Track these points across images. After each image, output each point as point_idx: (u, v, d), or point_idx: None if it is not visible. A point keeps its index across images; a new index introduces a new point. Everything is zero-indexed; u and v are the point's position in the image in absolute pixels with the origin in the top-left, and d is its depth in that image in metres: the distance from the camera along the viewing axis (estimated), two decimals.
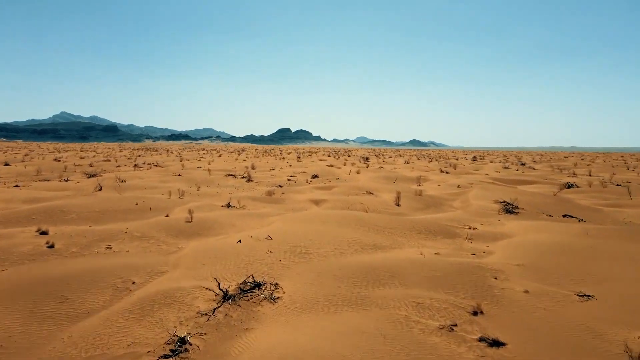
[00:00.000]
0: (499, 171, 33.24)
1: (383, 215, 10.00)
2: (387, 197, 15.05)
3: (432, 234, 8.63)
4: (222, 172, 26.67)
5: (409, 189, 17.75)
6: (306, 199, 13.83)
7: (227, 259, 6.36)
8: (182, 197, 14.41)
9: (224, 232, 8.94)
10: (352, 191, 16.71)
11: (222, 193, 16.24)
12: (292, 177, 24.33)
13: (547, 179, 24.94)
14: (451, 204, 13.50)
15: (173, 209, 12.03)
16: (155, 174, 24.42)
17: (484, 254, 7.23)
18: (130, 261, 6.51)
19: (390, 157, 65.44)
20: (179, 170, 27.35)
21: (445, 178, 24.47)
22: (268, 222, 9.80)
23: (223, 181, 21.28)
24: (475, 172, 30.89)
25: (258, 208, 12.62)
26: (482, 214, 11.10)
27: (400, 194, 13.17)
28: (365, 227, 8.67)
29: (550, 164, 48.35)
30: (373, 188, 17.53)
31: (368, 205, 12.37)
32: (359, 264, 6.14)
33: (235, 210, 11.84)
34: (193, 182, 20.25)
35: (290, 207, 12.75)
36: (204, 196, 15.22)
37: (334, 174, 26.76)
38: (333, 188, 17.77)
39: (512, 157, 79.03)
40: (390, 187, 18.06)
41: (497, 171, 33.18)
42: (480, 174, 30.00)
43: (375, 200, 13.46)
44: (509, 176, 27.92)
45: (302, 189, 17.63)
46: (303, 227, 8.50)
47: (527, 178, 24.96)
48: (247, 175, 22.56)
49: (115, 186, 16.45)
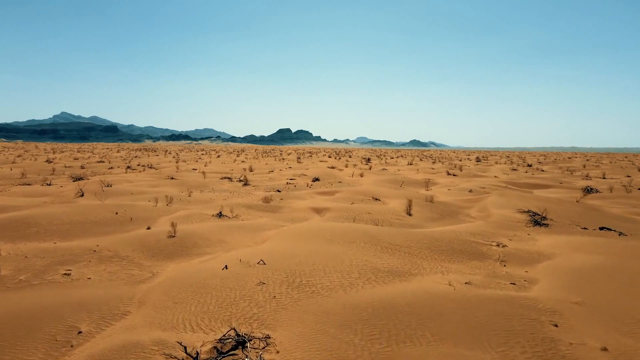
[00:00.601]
0: (507, 173, 31.91)
1: (395, 229, 8.65)
2: (396, 204, 13.71)
3: (456, 253, 7.28)
4: (218, 175, 25.34)
5: (417, 195, 16.42)
6: (307, 207, 12.49)
7: (207, 294, 5.03)
8: (171, 204, 13.08)
9: (210, 251, 7.60)
10: (356, 197, 15.37)
11: (215, 199, 14.90)
12: (291, 180, 23.00)
13: (562, 182, 23.59)
14: (468, 213, 12.15)
15: (157, 219, 10.69)
16: (147, 176, 23.09)
17: (525, 283, 5.89)
18: (87, 295, 5.18)
19: (392, 157, 64.11)
20: (173, 172, 26.02)
21: (454, 181, 23.12)
22: (262, 237, 8.46)
23: (218, 185, 19.94)
24: (483, 175, 29.55)
25: (253, 218, 11.29)
26: (507, 226, 9.76)
27: (412, 201, 11.81)
28: (377, 245, 7.33)
29: (557, 165, 47.01)
30: (379, 193, 16.20)
31: (376, 215, 11.03)
32: (374, 301, 4.80)
33: (227, 221, 10.50)
34: (186, 187, 18.91)
35: (288, 216, 11.41)
36: (195, 203, 13.88)
37: (335, 176, 25.42)
38: (336, 193, 16.42)
39: (516, 157, 77.68)
40: (397, 192, 16.73)
41: (505, 173, 31.84)
42: (488, 176, 28.66)
43: (384, 208, 12.12)
44: (519, 179, 26.58)
45: (302, 194, 16.29)
46: (303, 246, 7.16)
47: (540, 181, 23.61)
48: (244, 179, 21.23)
49: (99, 192, 15.12)
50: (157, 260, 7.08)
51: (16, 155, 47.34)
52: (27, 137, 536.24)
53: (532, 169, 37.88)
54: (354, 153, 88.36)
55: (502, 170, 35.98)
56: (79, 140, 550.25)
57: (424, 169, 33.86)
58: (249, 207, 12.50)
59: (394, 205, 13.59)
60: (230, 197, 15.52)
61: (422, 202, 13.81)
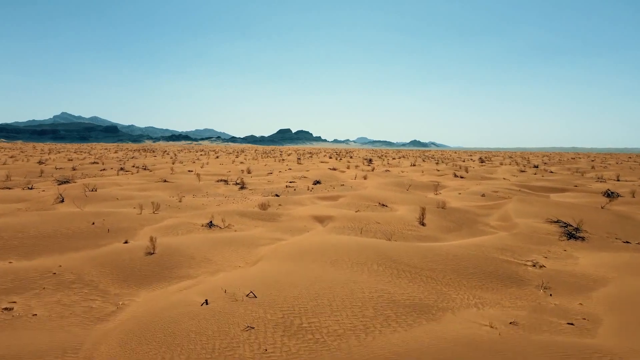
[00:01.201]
0: (516, 175, 30.66)
1: (411, 246, 7.40)
2: (405, 211, 12.48)
3: (488, 278, 6.05)
4: (214, 177, 24.12)
5: (427, 200, 15.19)
6: (307, 215, 11.26)
7: (177, 347, 3.79)
8: (157, 211, 11.85)
9: (192, 274, 6.37)
10: (361, 203, 14.14)
11: (208, 205, 13.68)
12: (291, 183, 21.77)
13: (576, 185, 22.34)
14: (487, 222, 10.92)
15: (139, 230, 9.47)
16: (139, 179, 21.88)
17: (585, 322, 4.66)
18: (19, 344, 3.96)
19: (394, 158, 62.88)
20: (167, 175, 24.79)
21: (463, 184, 21.88)
22: (256, 255, 7.23)
23: (212, 189, 18.72)
24: (491, 177, 28.30)
25: (247, 228, 10.06)
26: (538, 240, 8.52)
27: (425, 210, 10.56)
28: (393, 267, 6.09)
29: (564, 166, 45.74)
30: (385, 198, 14.96)
31: (386, 226, 9.80)
32: (398, 356, 3.57)
33: (217, 233, 9.27)
34: (178, 191, 17.69)
35: (287, 226, 10.18)
36: (185, 210, 12.67)
37: (337, 179, 24.20)
38: (339, 198, 15.19)
39: (519, 158, 76.34)
40: (405, 197, 15.50)
41: (513, 175, 30.60)
42: (497, 178, 27.42)
43: (393, 216, 10.88)
44: (529, 181, 25.34)
45: (302, 199, 15.07)
46: (304, 269, 5.93)
47: (552, 184, 22.36)
48: (241, 182, 20.00)
49: (81, 197, 13.89)
50: (127, 287, 5.85)
51: (9, 156, 46.13)
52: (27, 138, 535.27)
53: (540, 170, 36.63)
54: (355, 153, 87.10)
55: (510, 171, 34.73)
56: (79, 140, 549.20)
57: (428, 171, 32.63)
58: (243, 214, 11.26)
59: (403, 212, 12.35)
60: (225, 203, 14.30)
61: (434, 209, 12.57)
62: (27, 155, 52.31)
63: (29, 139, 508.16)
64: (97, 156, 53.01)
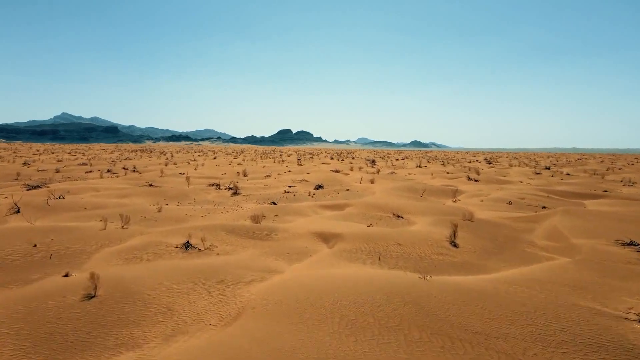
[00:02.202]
0: (532, 178, 28.53)
1: (458, 288, 5.28)
2: (426, 224, 10.38)
3: (587, 349, 3.94)
4: (206, 181, 22.03)
5: (447, 208, 13.08)
6: (310, 232, 9.15)
7: None
8: (127, 225, 9.75)
9: (137, 338, 4.27)
10: (372, 213, 12.03)
11: (192, 216, 11.59)
12: (290, 187, 19.68)
13: (606, 190, 20.19)
14: (532, 241, 8.79)
15: (93, 254, 7.37)
16: (122, 183, 19.79)
17: None
18: None
19: (397, 159, 60.77)
20: (156, 178, 22.70)
21: (481, 189, 19.76)
22: (237, 302, 5.11)
23: (202, 194, 16.63)
24: (505, 180, 26.16)
25: (233, 250, 7.96)
26: (618, 272, 6.39)
27: (457, 227, 8.43)
28: (442, 333, 3.98)
29: (576, 167, 43.61)
30: (399, 207, 12.86)
31: (409, 248, 7.68)
32: None
33: (192, 259, 7.18)
34: (162, 197, 15.61)
35: (284, 248, 8.07)
36: (162, 223, 10.58)
37: (341, 182, 22.09)
38: (346, 207, 13.08)
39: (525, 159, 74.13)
40: (421, 206, 13.38)
41: (529, 178, 28.46)
42: (513, 181, 25.29)
43: (415, 234, 8.76)
44: (550, 185, 23.22)
45: (303, 208, 12.97)
46: (307, 340, 3.82)
47: (580, 189, 20.22)
48: (234, 187, 17.89)
49: (43, 206, 11.81)
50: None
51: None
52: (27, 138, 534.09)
53: (555, 172, 34.45)
54: (357, 154, 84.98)
55: (523, 173, 32.61)
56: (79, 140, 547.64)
57: (438, 173, 30.49)
58: (230, 230, 9.15)
59: (424, 226, 10.25)
60: (212, 213, 12.20)
61: (460, 222, 10.47)
62: (18, 155, 50.27)
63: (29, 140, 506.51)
64: (91, 157, 50.98)
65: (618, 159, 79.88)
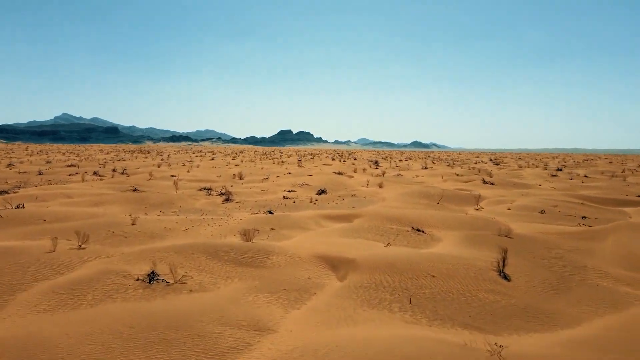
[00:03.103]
0: (550, 180, 26.55)
1: None
2: (455, 242, 8.44)
3: None
4: (197, 184, 20.09)
5: (473, 220, 11.10)
6: (313, 254, 7.20)
7: None
8: (85, 244, 7.81)
9: None
10: (387, 227, 10.08)
11: (171, 231, 9.65)
12: (290, 192, 17.74)
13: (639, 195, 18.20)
14: (600, 268, 6.82)
15: (17, 293, 5.42)
16: (103, 187, 17.85)
17: None
18: None
19: (401, 160, 58.81)
20: (143, 181, 20.76)
21: (501, 194, 17.78)
22: None
23: (189, 201, 14.69)
24: (521, 182, 24.19)
25: (212, 284, 6.01)
26: None
27: (506, 252, 6.45)
28: None
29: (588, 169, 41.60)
30: (418, 218, 10.90)
31: (447, 282, 5.73)
32: None
33: (152, 303, 5.23)
34: (143, 204, 13.67)
35: (279, 280, 6.11)
36: (131, 240, 8.64)
37: (346, 186, 20.13)
38: (354, 218, 11.11)
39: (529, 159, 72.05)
40: (442, 216, 11.42)
41: (547, 180, 26.48)
42: (530, 185, 23.33)
43: (448, 259, 6.79)
44: (574, 189, 21.28)
45: (304, 219, 11.03)
46: None
47: (609, 194, 18.25)
48: (226, 192, 15.95)
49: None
50: None
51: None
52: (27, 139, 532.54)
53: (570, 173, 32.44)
54: (358, 155, 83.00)
55: (538, 175, 30.64)
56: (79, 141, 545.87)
57: (448, 176, 28.51)
58: (212, 253, 7.19)
59: (453, 244, 8.30)
60: (196, 226, 10.25)
61: (496, 238, 8.54)
62: (8, 156, 48.40)
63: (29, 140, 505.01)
64: (84, 158, 49.11)
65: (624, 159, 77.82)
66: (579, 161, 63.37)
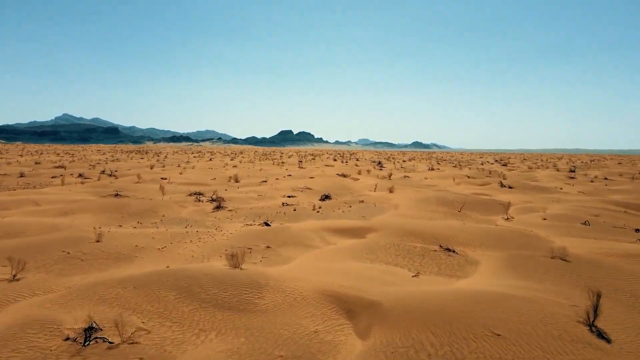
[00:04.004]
0: (570, 183, 24.66)
1: None
2: (500, 269, 6.62)
3: None
4: (188, 188, 18.25)
5: (508, 233, 9.21)
6: (319, 290, 5.35)
7: None
8: (20, 274, 5.98)
9: None
10: (408, 243, 8.23)
11: (142, 250, 7.81)
12: (290, 197, 15.90)
13: None
14: None
15: None
16: (80, 192, 16.01)
17: None
18: None
19: (405, 161, 56.95)
20: (128, 185, 18.92)
21: (527, 200, 15.89)
22: None
23: (175, 208, 12.85)
24: (542, 186, 22.31)
25: (177, 346, 4.17)
26: None
27: (599, 296, 4.60)
28: None
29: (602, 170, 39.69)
30: (443, 232, 9.04)
31: (519, 347, 3.88)
32: None
33: None
34: (121, 213, 11.82)
35: (273, 343, 4.26)
36: (88, 265, 6.81)
37: (352, 190, 18.28)
38: (367, 233, 9.25)
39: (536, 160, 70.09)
40: (471, 230, 9.54)
41: (566, 183, 24.59)
42: (551, 188, 21.48)
43: (508, 301, 4.94)
44: (602, 193, 19.46)
45: (307, 234, 9.18)
46: None
47: None
48: (218, 198, 14.10)
49: None
50: None
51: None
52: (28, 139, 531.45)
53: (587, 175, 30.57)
54: (360, 155, 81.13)
55: (555, 177, 28.78)
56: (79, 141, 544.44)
57: (460, 178, 26.62)
58: (185, 290, 5.33)
59: (497, 272, 6.47)
60: (176, 243, 8.40)
61: (552, 264, 6.71)
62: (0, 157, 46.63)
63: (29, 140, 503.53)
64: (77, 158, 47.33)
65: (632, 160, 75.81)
66: (587, 162, 61.46)
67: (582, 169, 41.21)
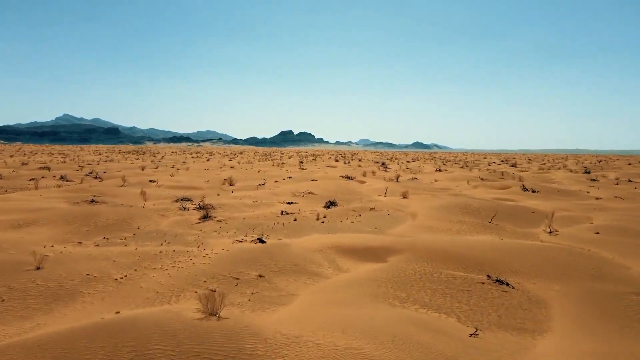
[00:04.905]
0: (595, 186, 22.67)
1: None
2: (577, 311, 4.72)
3: None
4: (178, 191, 16.32)
5: (570, 257, 7.28)
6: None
7: None
8: None
9: None
10: (445, 271, 6.29)
11: (94, 282, 5.88)
12: (290, 204, 13.95)
13: None
14: None
15: None
16: (52, 198, 14.07)
17: None
18: None
19: (408, 161, 54.99)
20: (113, 187, 17.00)
21: (561, 207, 13.91)
22: None
23: (154, 218, 10.90)
24: (565, 189, 20.37)
25: None
26: None
27: None
28: None
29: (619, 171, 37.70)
30: (486, 255, 7.10)
31: None
32: None
33: None
34: (87, 225, 9.87)
35: None
36: (5, 310, 4.90)
37: (360, 195, 16.32)
38: (388, 255, 7.28)
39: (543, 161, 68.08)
40: (517, 249, 7.60)
41: (592, 186, 22.60)
42: (574, 191, 19.54)
43: None
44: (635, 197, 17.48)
45: (310, 255, 7.26)
46: None
47: None
48: (206, 205, 12.16)
49: None
50: None
51: None
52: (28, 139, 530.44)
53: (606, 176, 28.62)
54: (361, 156, 79.16)
55: (573, 179, 26.82)
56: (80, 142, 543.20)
57: (474, 180, 24.65)
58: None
59: (581, 325, 4.59)
60: (139, 272, 6.46)
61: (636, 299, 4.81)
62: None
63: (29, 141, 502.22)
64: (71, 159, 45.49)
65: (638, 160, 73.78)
66: (595, 162, 59.46)
67: (595, 170, 39.25)
